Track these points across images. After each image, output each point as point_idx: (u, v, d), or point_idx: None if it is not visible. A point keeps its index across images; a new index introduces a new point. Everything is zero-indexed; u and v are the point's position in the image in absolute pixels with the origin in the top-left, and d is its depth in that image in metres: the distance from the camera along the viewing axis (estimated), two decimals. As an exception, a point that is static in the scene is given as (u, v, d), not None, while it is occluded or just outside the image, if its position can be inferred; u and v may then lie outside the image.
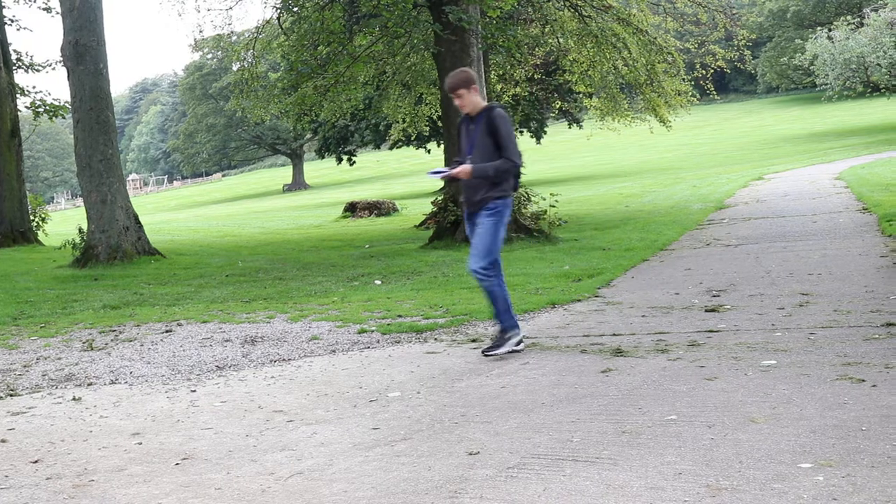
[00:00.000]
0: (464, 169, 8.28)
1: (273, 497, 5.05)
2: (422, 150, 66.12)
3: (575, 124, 59.06)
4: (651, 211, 26.23)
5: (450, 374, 7.75)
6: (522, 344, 8.48)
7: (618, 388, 6.84)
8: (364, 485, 5.11)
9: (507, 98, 33.70)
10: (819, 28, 72.85)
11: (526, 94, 35.52)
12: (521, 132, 54.00)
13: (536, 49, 29.79)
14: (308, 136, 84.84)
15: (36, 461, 6.06)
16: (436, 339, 9.47)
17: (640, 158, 69.91)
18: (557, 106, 45.65)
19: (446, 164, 18.29)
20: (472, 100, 8.41)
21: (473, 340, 9.16)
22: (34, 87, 36.71)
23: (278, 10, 24.91)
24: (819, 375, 6.67)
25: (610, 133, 40.03)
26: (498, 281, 8.39)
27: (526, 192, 19.95)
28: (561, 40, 28.45)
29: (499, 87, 31.65)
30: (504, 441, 5.70)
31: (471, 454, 5.48)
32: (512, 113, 38.24)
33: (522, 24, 26.09)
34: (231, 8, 28.91)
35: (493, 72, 29.13)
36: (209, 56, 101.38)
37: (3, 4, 32.79)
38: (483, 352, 8.37)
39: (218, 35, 31.45)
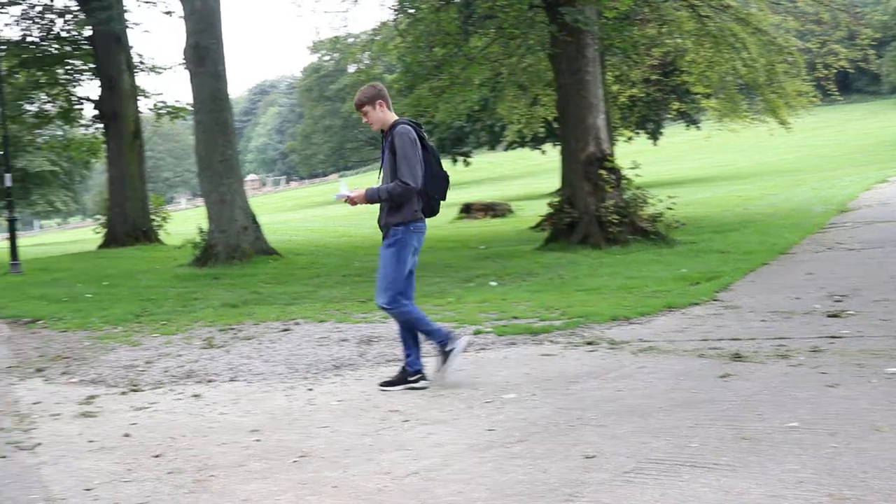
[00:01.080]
0: (357, 192, 7.80)
1: (389, 496, 5.07)
2: (537, 152, 65.86)
3: (692, 125, 58.38)
4: (770, 214, 25.79)
5: (565, 377, 7.71)
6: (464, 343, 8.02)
7: (737, 393, 6.73)
8: (479, 486, 5.10)
9: (623, 99, 33.47)
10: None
11: (643, 95, 35.25)
12: (638, 133, 53.51)
13: (653, 49, 29.45)
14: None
15: (158, 455, 6.17)
16: (551, 341, 9.42)
17: (759, 160, 68.83)
18: (675, 107, 45.20)
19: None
20: (379, 117, 7.83)
21: (589, 343, 9.09)
22: (156, 90, 37.45)
23: (395, 12, 25.04)
24: (946, 383, 6.50)
25: (728, 134, 39.50)
26: (410, 305, 7.82)
27: (642, 194, 19.75)
28: (678, 40, 28.13)
29: (615, 88, 31.45)
30: (620, 445, 5.65)
31: (587, 457, 5.45)
32: (628, 114, 37.92)
33: (639, 24, 25.81)
34: (348, 10, 29.15)
35: (609, 73, 28.94)
36: (326, 58, 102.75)
37: (126, 9, 33.51)
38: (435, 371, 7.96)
39: (335, 37, 31.75)
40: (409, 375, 7.80)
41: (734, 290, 12.24)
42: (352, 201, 7.83)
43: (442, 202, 8.09)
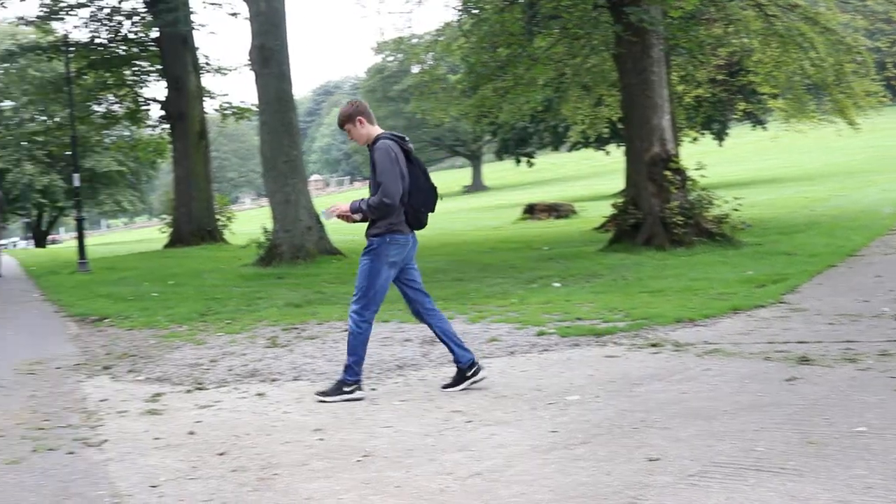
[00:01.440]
0: (341, 206, 7.84)
1: (452, 497, 5.07)
2: (601, 153, 65.60)
3: (759, 126, 57.81)
4: (838, 215, 25.45)
5: (629, 379, 7.66)
6: (359, 395, 7.68)
7: (803, 397, 6.66)
8: (542, 487, 5.09)
9: (688, 99, 33.22)
10: None
11: (708, 95, 34.95)
12: (703, 134, 53.08)
13: (719, 49, 29.19)
14: (487, 137, 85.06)
15: (222, 453, 6.21)
16: (615, 342, 9.37)
17: (827, 161, 67.95)
18: (741, 108, 44.75)
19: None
20: (360, 133, 7.92)
21: (654, 345, 9.03)
22: (221, 91, 37.76)
23: (458, 13, 25.04)
24: None
25: (795, 135, 39.02)
26: (367, 328, 7.75)
27: (708, 196, 19.59)
28: (745, 40, 27.84)
29: (680, 88, 31.19)
30: (684, 448, 5.61)
31: (651, 460, 5.41)
32: (694, 114, 37.63)
33: (705, 24, 25.58)
34: (412, 11, 29.21)
35: (674, 73, 28.69)
36: (390, 59, 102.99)
37: (192, 10, 33.82)
38: (316, 392, 7.83)
39: (399, 37, 31.82)
40: (465, 372, 7.76)
41: (801, 293, 12.10)
42: (343, 216, 7.83)
43: (430, 214, 8.04)
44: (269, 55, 21.25)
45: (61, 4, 33.64)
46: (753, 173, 60.98)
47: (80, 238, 25.23)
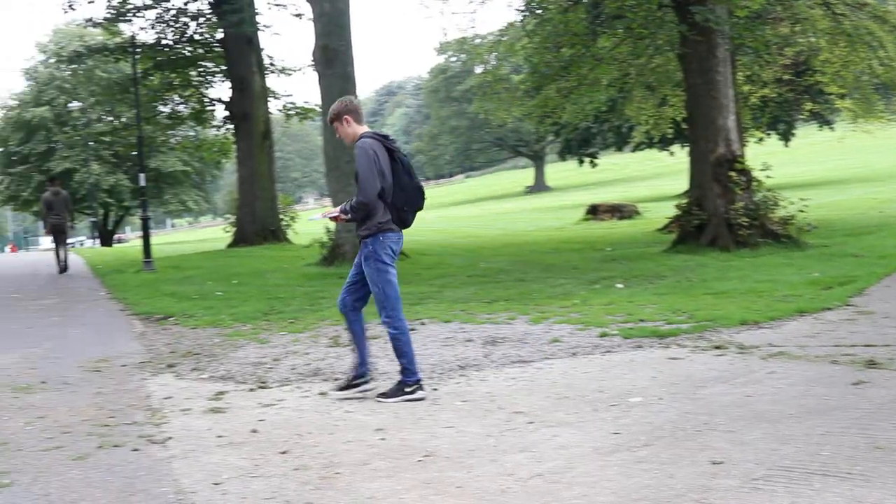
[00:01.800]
0: (331, 210, 8.11)
1: (513, 498, 5.05)
2: (665, 153, 65.17)
3: (826, 126, 57.15)
4: (907, 217, 25.12)
5: (693, 381, 7.60)
6: (420, 395, 7.70)
7: (871, 401, 6.56)
8: (604, 490, 5.06)
9: (754, 99, 32.91)
10: None
11: (774, 95, 34.58)
12: (769, 134, 52.51)
13: (786, 49, 28.89)
14: (550, 138, 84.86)
15: (284, 452, 6.24)
16: (678, 344, 9.30)
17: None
18: (807, 108, 44.26)
19: None
20: (347, 132, 8.02)
21: (718, 347, 8.95)
22: (285, 91, 37.92)
23: (522, 13, 25.00)
24: None
25: (863, 135, 38.53)
26: (403, 327, 7.86)
27: (773, 196, 19.39)
28: (812, 39, 27.53)
29: (746, 88, 30.89)
30: (749, 451, 5.55)
31: (714, 463, 5.36)
32: (759, 115, 37.26)
33: (771, 23, 25.33)
34: (475, 11, 29.19)
35: (740, 73, 28.42)
36: (453, 59, 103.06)
37: (257, 11, 34.02)
38: (377, 395, 7.86)
39: (462, 38, 31.81)
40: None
41: (868, 295, 11.94)
42: (333, 217, 8.08)
43: (419, 212, 8.08)
44: (333, 56, 21.32)
45: (128, 6, 33.98)
46: (820, 174, 60.30)
47: (146, 237, 25.48)
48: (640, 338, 9.72)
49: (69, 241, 27.43)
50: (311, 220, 11.00)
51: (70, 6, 34.54)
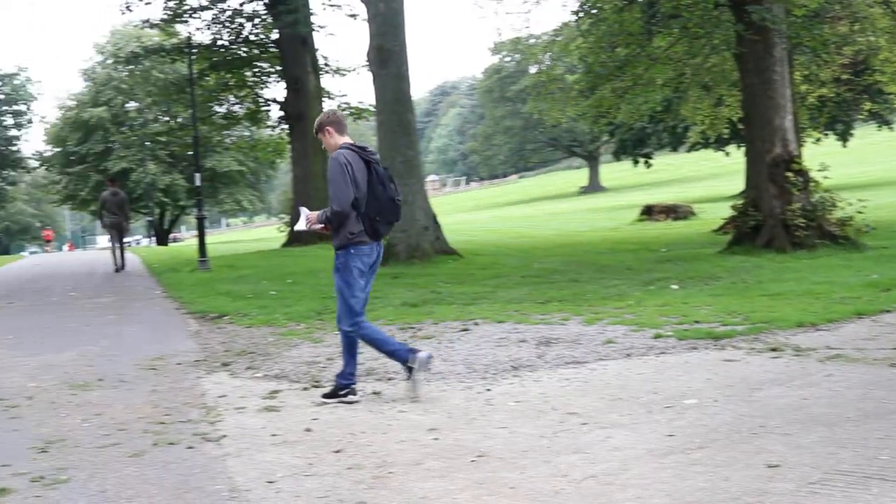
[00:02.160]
0: (311, 216, 8.23)
1: (566, 499, 5.03)
2: (720, 153, 64.71)
3: (885, 126, 56.54)
4: (967, 218, 24.78)
5: (748, 383, 7.54)
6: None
7: (930, 404, 6.48)
8: (658, 492, 5.03)
9: (812, 99, 32.58)
10: None
11: (832, 95, 34.23)
12: (827, 135, 51.97)
13: (844, 48, 28.56)
14: (605, 138, 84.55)
15: (338, 451, 6.26)
16: (734, 346, 9.22)
17: (956, 162, 66.19)
18: (866, 108, 43.79)
19: None
20: (329, 142, 8.15)
21: (774, 349, 8.87)
22: (339, 91, 37.98)
23: (577, 13, 24.92)
24: None
25: (924, 136, 38.07)
26: (369, 327, 8.13)
27: (831, 197, 19.19)
28: (871, 38, 27.21)
29: (803, 87, 30.59)
30: (805, 455, 5.50)
31: (770, 466, 5.31)
32: (817, 115, 36.89)
33: (829, 22, 25.07)
34: (530, 11, 29.15)
35: (797, 72, 28.16)
36: (507, 59, 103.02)
37: (312, 12, 34.18)
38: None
39: (516, 38, 31.80)
40: (339, 389, 7.93)
41: (928, 298, 11.78)
42: (312, 224, 8.23)
43: (391, 225, 8.24)
44: (388, 56, 21.36)
45: (185, 7, 34.27)
46: (879, 175, 59.59)
47: (201, 236, 25.67)
48: (695, 339, 9.65)
49: (126, 239, 27.70)
50: (297, 230, 11.06)
51: (127, 7, 34.88)
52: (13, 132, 65.44)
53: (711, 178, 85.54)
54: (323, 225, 8.10)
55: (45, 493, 5.57)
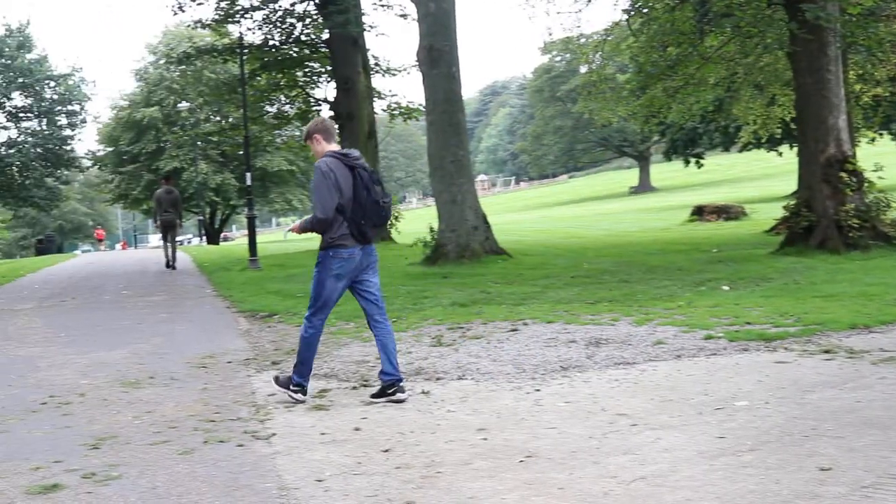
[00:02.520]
0: (293, 226, 8.50)
1: (615, 501, 5.01)
2: (773, 153, 64.19)
3: (944, 126, 55.90)
4: None
5: (800, 385, 7.47)
6: (300, 398, 8.06)
7: None
8: (708, 494, 4.99)
9: (866, 98, 32.23)
10: None
11: (888, 94, 33.85)
12: (881, 134, 51.38)
13: (900, 46, 28.26)
14: (655, 138, 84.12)
15: (387, 450, 6.27)
16: (786, 348, 9.14)
17: None
18: (923, 107, 43.30)
19: None
20: (315, 149, 8.41)
21: (826, 351, 8.78)
22: (390, 91, 38.00)
23: (628, 12, 24.82)
24: None
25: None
26: (315, 332, 8.25)
27: (885, 198, 18.99)
28: (928, 37, 26.89)
29: (858, 87, 30.28)
30: (858, 458, 5.44)
31: (822, 470, 5.26)
32: (872, 114, 36.49)
33: (885, 20, 24.80)
34: (581, 10, 29.03)
35: (851, 71, 27.88)
36: (557, 58, 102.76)
37: (363, 12, 34.25)
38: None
39: (567, 37, 31.68)
40: (386, 389, 8.03)
41: (984, 300, 11.62)
42: (296, 231, 8.49)
43: (379, 227, 8.56)
44: (438, 56, 21.36)
45: (237, 7, 34.44)
46: (934, 175, 58.97)
47: (252, 235, 25.83)
48: (747, 341, 9.57)
49: (178, 238, 27.92)
50: (286, 235, 11.18)
51: (180, 8, 35.11)
52: (67, 132, 66.02)
53: (763, 178, 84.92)
54: (297, 230, 8.40)
55: (97, 490, 5.62)
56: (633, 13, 24.50)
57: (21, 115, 65.04)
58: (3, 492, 5.65)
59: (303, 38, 35.76)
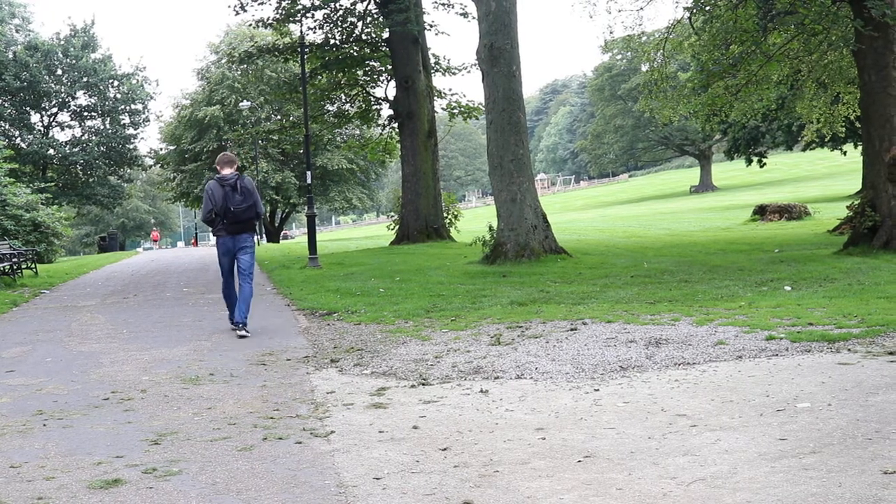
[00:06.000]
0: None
1: (674, 502, 4.96)
2: (837, 152, 63.55)
3: None
4: None
5: (864, 387, 7.36)
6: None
7: None
8: (769, 496, 4.92)
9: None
10: None
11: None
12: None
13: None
14: (717, 136, 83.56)
15: (444, 449, 6.25)
16: (849, 349, 9.02)
17: None
18: None
19: None
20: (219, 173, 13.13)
21: (891, 353, 8.65)
22: (450, 90, 38.01)
23: (690, 10, 24.66)
24: None
25: None
26: (225, 287, 13.70)
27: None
28: None
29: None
30: (924, 462, 5.34)
31: (885, 473, 5.17)
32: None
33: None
34: (642, 8, 28.87)
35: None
36: (618, 57, 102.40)
37: (423, 11, 34.31)
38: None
39: (628, 36, 31.54)
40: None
41: None
42: None
43: (239, 223, 12.79)
44: (498, 54, 21.35)
45: (298, 7, 34.64)
46: None
47: (311, 234, 25.95)
48: (809, 342, 9.45)
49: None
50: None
51: (241, 7, 35.38)
52: (130, 131, 66.90)
53: (827, 177, 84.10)
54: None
55: (157, 485, 5.66)
56: (695, 11, 24.34)
57: (85, 114, 66.06)
58: (66, 486, 5.71)
59: (363, 37, 35.93)
